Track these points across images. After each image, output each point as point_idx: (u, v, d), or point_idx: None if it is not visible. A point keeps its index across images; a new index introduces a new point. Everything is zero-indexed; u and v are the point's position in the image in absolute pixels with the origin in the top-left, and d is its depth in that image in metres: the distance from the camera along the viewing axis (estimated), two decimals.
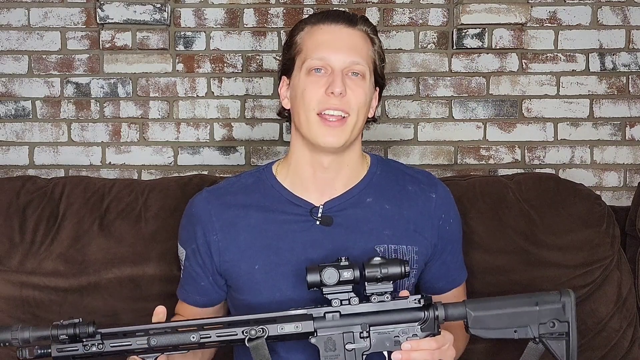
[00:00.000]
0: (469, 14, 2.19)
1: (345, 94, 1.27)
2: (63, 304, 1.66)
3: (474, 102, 2.25)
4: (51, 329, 1.13)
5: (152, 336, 1.15)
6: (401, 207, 1.34)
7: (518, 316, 1.20)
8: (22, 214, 1.72)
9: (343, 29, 1.31)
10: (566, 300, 1.21)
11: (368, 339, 1.18)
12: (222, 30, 2.23)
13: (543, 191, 1.82)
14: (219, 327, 1.17)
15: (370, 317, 1.18)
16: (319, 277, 1.16)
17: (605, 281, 1.76)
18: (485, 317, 1.20)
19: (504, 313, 1.20)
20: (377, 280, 1.17)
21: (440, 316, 1.19)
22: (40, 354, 1.14)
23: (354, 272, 1.16)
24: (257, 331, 1.15)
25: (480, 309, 1.21)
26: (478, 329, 1.20)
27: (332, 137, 1.27)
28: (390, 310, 1.19)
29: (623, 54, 2.26)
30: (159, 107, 2.23)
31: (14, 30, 2.21)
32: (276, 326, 1.16)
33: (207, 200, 1.38)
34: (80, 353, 1.15)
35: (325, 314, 1.18)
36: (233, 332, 1.16)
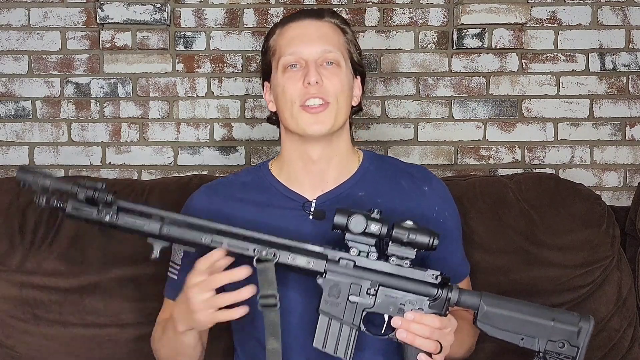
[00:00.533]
0: (469, 14, 2.19)
1: (322, 83, 1.29)
2: (63, 304, 1.66)
3: (474, 102, 2.25)
4: (72, 185, 1.13)
5: (166, 224, 1.16)
6: (394, 201, 1.35)
7: (530, 325, 1.17)
8: (22, 214, 1.72)
9: (311, 22, 1.34)
10: (584, 326, 1.18)
11: (374, 298, 1.17)
12: (222, 30, 2.23)
13: (543, 191, 1.82)
14: (232, 236, 1.16)
15: (383, 277, 1.17)
16: (346, 221, 1.15)
17: (605, 281, 1.76)
18: (496, 315, 1.17)
19: (517, 318, 1.18)
20: (402, 243, 1.15)
21: (453, 299, 1.17)
22: (56, 205, 1.14)
23: (382, 227, 1.15)
24: (268, 253, 1.15)
25: (494, 305, 1.18)
26: (485, 324, 1.18)
27: (317, 124, 1.30)
28: (406, 277, 1.17)
29: (623, 54, 2.26)
30: (159, 107, 2.23)
31: (14, 30, 2.21)
32: (288, 255, 1.16)
33: (206, 194, 1.41)
34: (93, 218, 1.15)
35: (339, 259, 1.17)
36: (245, 247, 1.15)
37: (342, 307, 1.17)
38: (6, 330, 1.66)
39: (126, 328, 1.67)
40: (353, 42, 1.39)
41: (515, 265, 1.73)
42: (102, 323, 1.67)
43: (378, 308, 1.17)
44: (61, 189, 1.13)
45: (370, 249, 1.17)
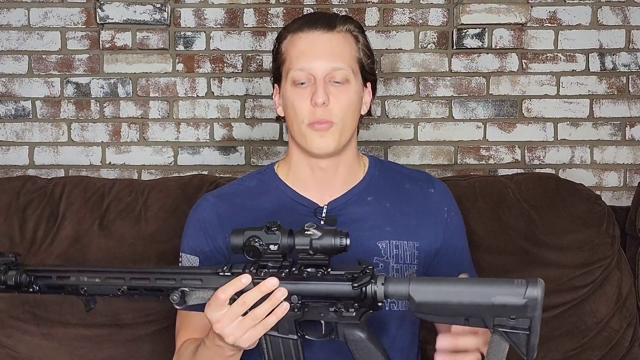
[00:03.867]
0: (469, 14, 2.19)
1: (328, 103, 1.27)
2: (63, 304, 1.66)
3: (474, 102, 2.25)
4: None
5: (83, 283, 1.16)
6: (401, 204, 1.34)
7: (469, 307, 1.03)
8: (22, 214, 1.72)
9: (321, 35, 1.30)
10: (531, 295, 1.00)
11: (300, 310, 1.10)
12: (222, 30, 2.23)
13: (543, 191, 1.82)
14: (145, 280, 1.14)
15: (300, 289, 1.09)
16: (242, 245, 1.09)
17: (605, 281, 1.77)
18: (430, 305, 1.05)
19: (453, 302, 1.04)
20: (308, 252, 1.08)
21: (379, 294, 1.08)
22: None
23: (279, 243, 1.08)
24: (178, 296, 1.10)
25: (425, 293, 1.05)
26: (423, 314, 1.06)
27: (322, 143, 1.28)
28: (322, 284, 1.09)
29: (623, 54, 2.26)
30: (159, 107, 2.23)
31: (14, 30, 2.21)
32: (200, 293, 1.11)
33: (215, 205, 1.37)
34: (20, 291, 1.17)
35: (253, 281, 1.09)
36: (158, 289, 1.13)
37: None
38: (6, 330, 1.66)
39: (126, 328, 1.67)
40: (365, 49, 1.34)
41: (515, 265, 1.73)
42: (102, 323, 1.67)
43: (309, 317, 1.12)
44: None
45: (283, 264, 1.10)
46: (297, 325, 1.12)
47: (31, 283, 1.16)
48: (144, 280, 1.14)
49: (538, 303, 1.00)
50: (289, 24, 1.38)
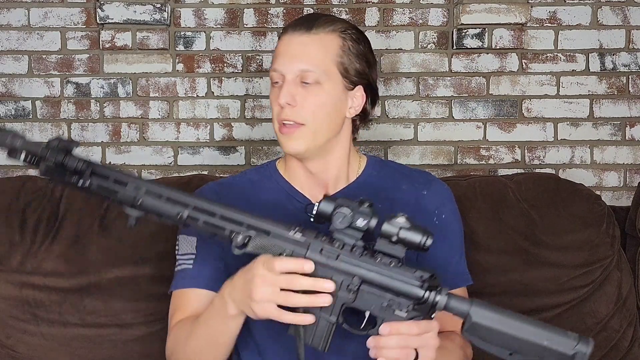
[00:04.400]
0: (469, 14, 2.19)
1: (295, 104, 1.28)
2: (63, 304, 1.66)
3: (474, 102, 2.25)
4: (42, 149, 1.08)
5: (142, 195, 1.10)
6: (393, 205, 1.34)
7: (520, 343, 1.08)
8: (22, 214, 1.72)
9: (297, 37, 1.30)
10: (581, 349, 1.06)
11: (354, 294, 1.10)
12: (222, 30, 2.23)
13: (543, 191, 1.82)
14: (209, 215, 1.11)
15: (366, 274, 1.10)
16: (331, 213, 1.09)
17: (605, 281, 1.77)
18: (485, 328, 1.09)
19: (507, 334, 1.08)
20: (390, 241, 1.09)
21: (440, 304, 1.09)
22: (29, 160, 1.10)
23: (369, 222, 1.09)
24: (243, 239, 1.09)
25: (484, 317, 1.09)
26: (473, 336, 1.10)
27: (292, 143, 1.29)
28: (391, 277, 1.10)
29: (623, 54, 2.26)
30: (159, 107, 2.23)
31: (14, 30, 2.21)
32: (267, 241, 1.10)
33: (217, 192, 1.38)
34: (65, 180, 1.11)
35: (322, 250, 1.10)
36: (221, 227, 1.11)
37: None
38: (6, 330, 1.66)
39: (126, 328, 1.67)
40: (353, 51, 1.32)
41: (515, 265, 1.73)
42: (102, 323, 1.67)
43: (359, 304, 1.11)
44: (32, 152, 1.09)
45: (357, 243, 1.10)
46: (342, 310, 1.11)
47: (86, 175, 1.10)
48: (208, 214, 1.11)
49: (585, 358, 1.06)
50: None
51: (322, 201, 1.10)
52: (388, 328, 1.09)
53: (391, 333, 1.09)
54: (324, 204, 1.10)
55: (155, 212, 1.11)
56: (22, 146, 1.08)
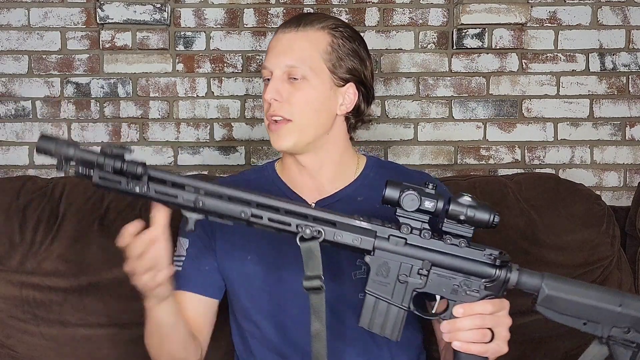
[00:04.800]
0: (469, 14, 2.19)
1: (281, 100, 1.29)
2: (63, 304, 1.66)
3: (474, 102, 2.25)
4: (99, 155, 1.05)
5: (202, 196, 1.07)
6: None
7: (595, 310, 1.08)
8: (22, 214, 1.72)
9: (286, 34, 1.32)
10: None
11: (425, 278, 1.09)
12: (222, 30, 2.23)
13: (543, 191, 1.82)
14: (274, 211, 1.08)
15: (437, 257, 1.09)
16: (398, 196, 1.08)
17: (605, 281, 1.76)
18: (559, 299, 1.09)
19: (581, 302, 1.08)
20: (458, 221, 1.08)
21: (512, 280, 1.09)
22: (81, 174, 1.06)
23: (437, 204, 1.08)
24: (312, 232, 1.07)
25: (557, 288, 1.09)
26: (546, 309, 1.10)
27: (279, 140, 1.30)
28: (461, 257, 1.09)
29: (623, 54, 2.26)
30: (159, 107, 2.23)
31: (14, 30, 2.21)
32: (334, 232, 1.08)
33: None
34: (122, 188, 1.06)
35: (390, 237, 1.10)
36: (287, 222, 1.08)
37: (391, 288, 1.10)
38: (6, 330, 1.66)
39: (126, 328, 1.67)
40: (343, 49, 1.32)
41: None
42: (102, 323, 1.67)
43: (430, 289, 1.10)
44: (86, 160, 1.05)
45: (424, 226, 1.09)
46: (412, 296, 1.11)
47: (143, 180, 1.06)
48: (272, 211, 1.08)
49: None
50: None
51: (387, 187, 1.09)
52: (462, 309, 1.09)
53: (465, 314, 1.08)
54: (389, 189, 1.08)
55: (217, 213, 1.08)
56: (75, 155, 1.05)
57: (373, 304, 1.11)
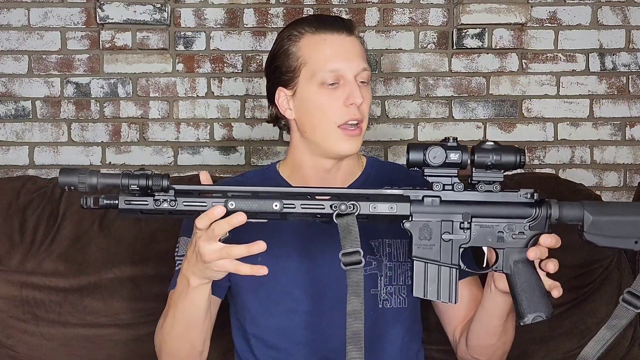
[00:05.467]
0: (469, 14, 2.19)
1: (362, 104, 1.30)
2: (63, 304, 1.66)
3: (474, 102, 2.25)
4: (122, 177, 1.03)
5: (231, 199, 1.05)
6: None
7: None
8: (22, 214, 1.72)
9: (346, 37, 1.32)
10: None
11: (468, 231, 1.09)
12: (222, 30, 2.23)
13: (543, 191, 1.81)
14: (303, 197, 1.07)
15: (475, 208, 1.09)
16: (423, 155, 1.06)
17: (605, 281, 1.76)
18: (605, 223, 1.08)
19: (627, 220, 1.08)
20: (486, 167, 1.07)
21: (554, 215, 1.10)
22: (106, 204, 1.04)
23: (462, 154, 1.07)
24: (347, 207, 1.05)
25: (600, 212, 1.09)
26: (594, 235, 1.09)
27: (351, 145, 1.29)
28: (498, 203, 1.09)
29: (623, 54, 2.26)
30: (159, 107, 2.23)
31: (14, 30, 2.21)
32: (369, 204, 1.06)
33: None
34: (149, 208, 1.04)
35: (423, 198, 1.09)
36: (320, 205, 1.06)
37: (437, 249, 1.09)
38: (6, 330, 1.66)
39: (126, 328, 1.67)
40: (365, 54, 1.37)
41: None
42: (102, 323, 1.66)
43: (475, 242, 1.10)
44: (110, 184, 1.03)
45: (454, 180, 1.09)
46: (460, 253, 1.10)
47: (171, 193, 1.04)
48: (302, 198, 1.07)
49: None
50: (296, 26, 1.36)
51: (410, 151, 1.08)
52: (550, 239, 1.12)
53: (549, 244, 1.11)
54: (412, 152, 1.07)
55: (251, 212, 1.06)
56: (99, 182, 1.03)
57: (423, 269, 1.10)
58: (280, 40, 1.36)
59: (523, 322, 1.11)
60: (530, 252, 1.11)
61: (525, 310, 1.11)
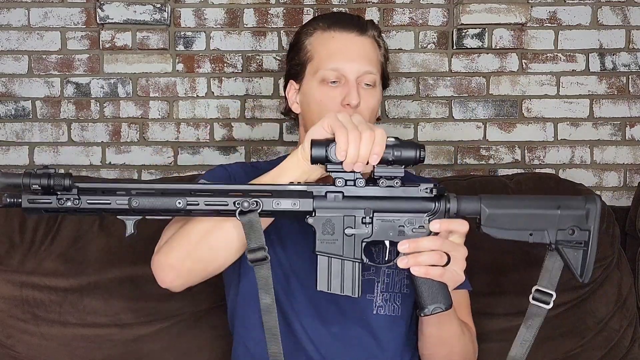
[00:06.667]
0: (469, 14, 2.19)
1: (359, 105, 1.29)
2: (63, 304, 1.66)
3: (474, 102, 2.25)
4: (23, 176, 1.03)
5: (135, 197, 1.07)
6: None
7: (536, 218, 1.11)
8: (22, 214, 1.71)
9: (355, 37, 1.32)
10: (591, 207, 1.11)
11: (370, 226, 1.11)
12: (222, 30, 2.23)
13: (543, 191, 1.82)
14: (208, 194, 1.08)
15: (376, 202, 1.11)
16: (325, 152, 1.08)
17: (605, 281, 1.76)
18: (500, 216, 1.12)
19: (522, 213, 1.12)
20: (387, 162, 1.09)
21: (452, 209, 1.12)
22: (9, 203, 1.04)
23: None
24: (250, 204, 1.07)
25: (496, 206, 1.12)
26: (491, 228, 1.13)
27: None
28: (398, 197, 1.12)
29: (623, 54, 2.26)
30: (159, 107, 2.23)
31: (14, 30, 2.21)
32: (272, 200, 1.08)
33: (242, 167, 1.39)
34: (53, 207, 1.05)
35: (326, 193, 1.11)
36: (223, 202, 1.07)
37: (340, 243, 1.11)
38: (6, 330, 1.66)
39: (125, 328, 1.67)
40: (385, 55, 1.37)
41: (515, 265, 1.73)
42: (102, 323, 1.67)
43: (377, 236, 1.12)
44: (12, 184, 1.03)
45: (357, 176, 1.10)
46: (362, 247, 1.12)
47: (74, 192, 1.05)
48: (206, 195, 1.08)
49: (597, 214, 1.10)
50: (315, 21, 1.38)
51: (312, 147, 1.09)
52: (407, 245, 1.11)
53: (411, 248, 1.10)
54: (315, 149, 1.08)
55: (154, 209, 1.08)
56: (0, 181, 1.03)
57: (326, 264, 1.12)
58: (297, 33, 1.38)
59: (424, 313, 1.14)
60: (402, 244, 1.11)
61: (426, 301, 1.13)
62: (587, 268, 1.12)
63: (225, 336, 1.57)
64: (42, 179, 1.04)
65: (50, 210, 1.06)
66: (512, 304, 1.69)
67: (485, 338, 1.63)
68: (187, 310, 1.67)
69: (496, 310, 1.70)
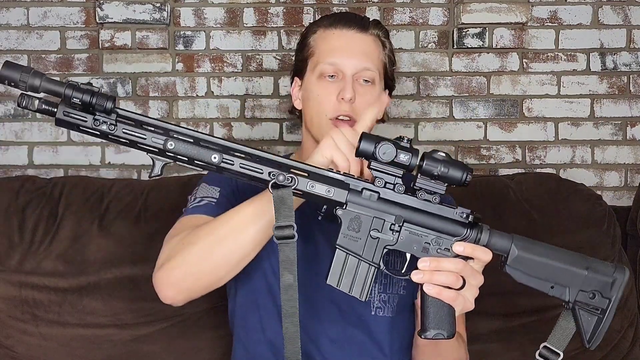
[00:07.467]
0: (469, 13, 2.19)
1: (354, 100, 1.29)
2: (62, 304, 1.66)
3: (475, 101, 2.25)
4: (66, 86, 0.98)
5: (171, 139, 1.03)
6: None
7: (563, 273, 1.09)
8: (21, 214, 1.72)
9: (355, 34, 1.32)
10: (618, 277, 1.10)
11: (397, 234, 1.08)
12: (222, 30, 2.23)
13: (544, 191, 1.81)
14: (245, 157, 1.04)
15: (409, 213, 1.08)
16: (374, 148, 1.07)
17: None
18: (528, 260, 1.09)
19: (550, 264, 1.09)
20: (432, 176, 1.07)
21: (482, 240, 1.09)
22: (44, 109, 1.00)
23: (412, 157, 1.06)
24: (286, 178, 1.04)
25: (527, 249, 1.09)
26: (515, 270, 1.10)
27: None
28: (433, 214, 1.09)
29: (624, 54, 2.25)
30: (158, 106, 2.23)
31: (13, 30, 2.20)
32: (307, 182, 1.05)
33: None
34: (87, 125, 1.00)
35: (363, 190, 1.08)
36: (259, 169, 1.04)
37: (362, 243, 1.08)
38: (5, 330, 1.66)
39: (125, 328, 1.66)
40: (390, 56, 1.37)
41: None
42: (101, 323, 1.66)
43: (401, 246, 1.09)
44: (53, 91, 0.98)
45: (397, 181, 1.08)
46: (383, 253, 1.09)
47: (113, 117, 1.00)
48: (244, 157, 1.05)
49: (622, 285, 1.09)
50: (320, 19, 1.40)
51: (362, 139, 1.08)
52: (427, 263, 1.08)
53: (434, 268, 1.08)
54: (364, 142, 1.07)
55: (187, 157, 1.04)
56: (41, 85, 0.98)
57: (343, 260, 1.09)
58: (304, 31, 1.40)
59: (424, 335, 1.10)
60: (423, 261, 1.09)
61: (430, 324, 1.10)
62: (597, 336, 1.09)
63: (225, 336, 1.56)
64: (84, 95, 0.98)
65: (83, 129, 1.01)
66: (512, 305, 1.69)
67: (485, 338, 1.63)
68: (187, 310, 1.67)
69: (495, 310, 1.70)
